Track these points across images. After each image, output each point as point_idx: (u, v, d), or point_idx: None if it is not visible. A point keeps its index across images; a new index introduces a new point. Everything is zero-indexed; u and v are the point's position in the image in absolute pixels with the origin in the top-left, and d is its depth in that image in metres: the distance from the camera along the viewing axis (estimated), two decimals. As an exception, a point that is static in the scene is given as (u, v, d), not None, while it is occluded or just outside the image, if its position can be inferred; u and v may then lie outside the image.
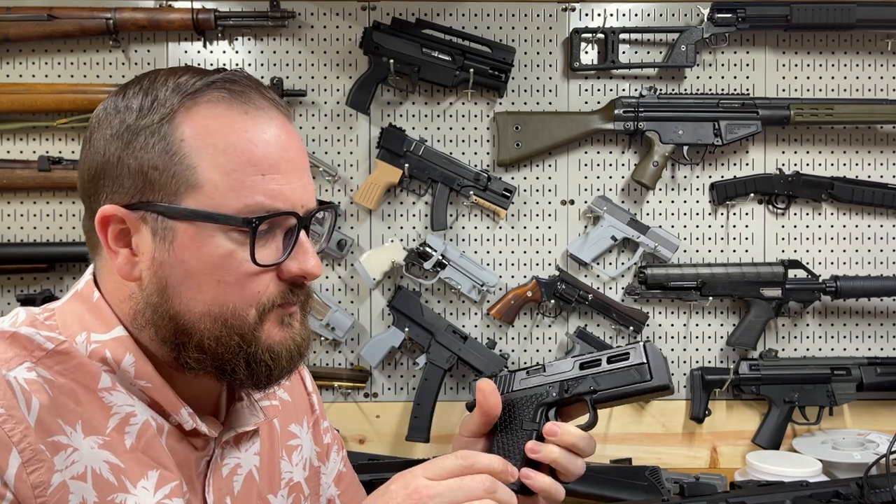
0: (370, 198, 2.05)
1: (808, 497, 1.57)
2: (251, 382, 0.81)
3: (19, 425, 0.72)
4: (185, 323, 0.78)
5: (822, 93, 2.15)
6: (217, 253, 0.76)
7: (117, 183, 0.77)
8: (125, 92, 0.80)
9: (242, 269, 0.77)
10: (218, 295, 0.77)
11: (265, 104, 0.79)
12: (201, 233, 0.76)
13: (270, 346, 0.80)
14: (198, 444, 0.84)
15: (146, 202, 0.76)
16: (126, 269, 0.78)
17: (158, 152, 0.76)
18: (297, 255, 0.80)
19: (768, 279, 2.09)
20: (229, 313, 0.78)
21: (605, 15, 2.11)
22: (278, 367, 0.81)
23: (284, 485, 0.95)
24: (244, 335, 0.79)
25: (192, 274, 0.77)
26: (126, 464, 0.78)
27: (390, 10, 2.07)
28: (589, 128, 2.08)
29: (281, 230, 0.79)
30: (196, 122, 0.76)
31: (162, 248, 0.77)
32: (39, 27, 1.96)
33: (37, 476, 0.72)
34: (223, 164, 0.76)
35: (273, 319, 0.80)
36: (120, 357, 0.79)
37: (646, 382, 0.84)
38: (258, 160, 0.77)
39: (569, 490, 1.85)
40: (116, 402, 0.78)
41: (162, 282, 0.77)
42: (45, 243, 2.05)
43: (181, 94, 0.77)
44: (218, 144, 0.76)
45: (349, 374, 2.10)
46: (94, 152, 0.79)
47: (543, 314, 2.13)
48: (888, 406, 2.16)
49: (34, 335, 0.77)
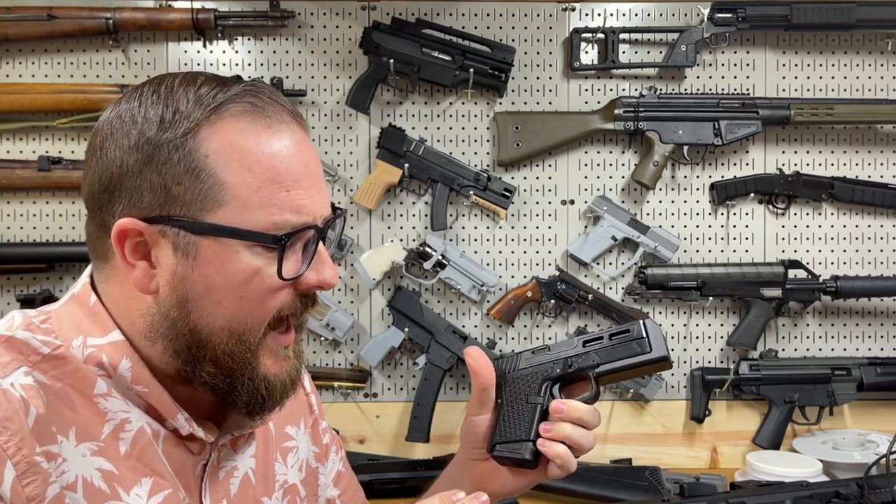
0: (370, 198, 2.05)
1: (808, 497, 1.57)
2: (247, 408, 0.82)
3: (14, 437, 0.71)
4: (203, 337, 0.78)
5: (822, 93, 2.15)
6: (241, 269, 0.76)
7: (136, 196, 0.76)
8: (140, 100, 0.78)
9: (266, 284, 0.77)
10: (239, 310, 0.77)
11: (286, 117, 0.79)
12: (226, 248, 0.76)
13: (266, 376, 0.81)
14: (194, 448, 0.84)
15: (167, 216, 0.76)
16: (143, 282, 0.78)
17: (183, 168, 0.75)
18: (315, 266, 0.80)
19: (768, 279, 2.08)
20: (246, 328, 0.78)
21: (605, 15, 2.11)
22: (272, 398, 0.82)
23: (279, 487, 0.95)
24: (252, 351, 0.79)
25: (215, 289, 0.77)
26: (120, 471, 0.78)
27: (390, 9, 2.07)
28: (589, 128, 2.08)
29: (301, 241, 0.80)
30: (221, 138, 0.76)
31: (184, 263, 0.76)
32: (39, 27, 1.96)
33: (32, 489, 0.72)
34: (250, 182, 0.76)
35: (268, 349, 0.81)
36: (116, 361, 0.78)
37: (646, 354, 0.87)
38: (283, 176, 0.77)
39: (569, 490, 1.87)
40: (111, 409, 0.78)
41: (182, 296, 0.77)
42: (44, 243, 2.05)
43: (204, 107, 0.76)
44: (244, 161, 0.76)
45: (349, 375, 2.10)
46: (108, 162, 0.77)
47: (543, 314, 2.13)
48: (888, 406, 2.15)
49: (30, 339, 0.77)
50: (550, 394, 0.90)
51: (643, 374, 0.93)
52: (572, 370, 0.89)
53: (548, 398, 0.89)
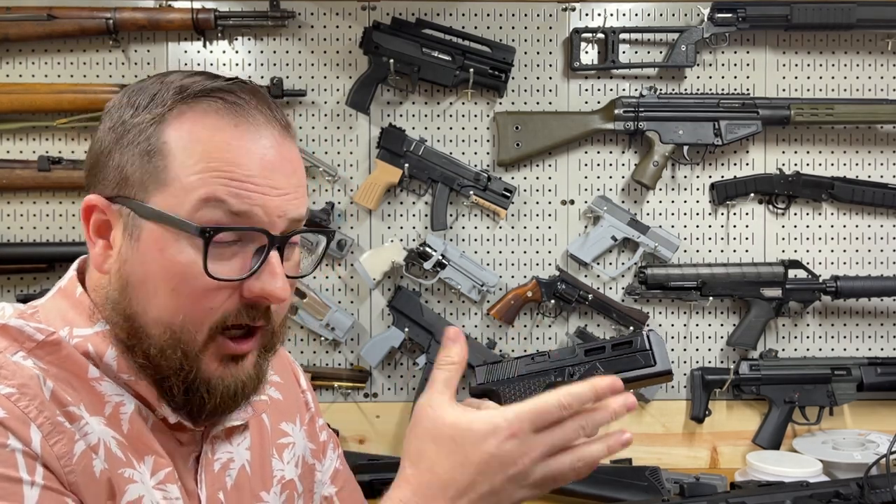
0: (370, 198, 2.05)
1: (808, 497, 1.57)
2: (185, 411, 0.80)
3: (34, 401, 0.72)
4: (138, 326, 0.77)
5: (822, 93, 2.15)
6: (177, 259, 0.75)
7: (103, 174, 0.79)
8: (141, 85, 0.81)
9: (199, 281, 0.74)
10: (170, 304, 0.75)
11: (260, 119, 0.78)
12: (166, 235, 0.75)
13: (209, 379, 0.78)
14: (183, 438, 0.84)
15: (123, 196, 0.77)
16: (99, 259, 0.79)
17: (140, 150, 0.76)
18: (262, 275, 0.76)
19: (768, 279, 2.08)
20: (178, 326, 0.76)
21: (605, 15, 2.11)
22: (212, 401, 0.79)
23: (276, 482, 0.95)
24: (188, 354, 0.77)
25: (150, 277, 0.76)
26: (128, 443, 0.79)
27: (390, 9, 2.07)
28: (589, 128, 2.08)
29: (253, 245, 0.77)
30: (182, 127, 0.76)
31: (128, 246, 0.77)
32: (39, 27, 1.96)
33: (60, 447, 0.72)
34: (191, 166, 0.75)
35: (215, 351, 0.78)
36: (102, 351, 0.79)
37: (650, 368, 0.86)
38: (230, 166, 0.75)
39: (569, 490, 1.87)
40: (107, 392, 0.79)
41: (123, 279, 0.77)
42: (44, 243, 2.05)
43: (179, 96, 0.77)
44: (195, 148, 0.75)
45: (349, 375, 2.10)
46: (95, 142, 0.81)
47: (543, 314, 2.13)
48: (888, 406, 2.15)
49: (24, 326, 0.77)
50: None
51: (644, 386, 0.92)
52: (574, 380, 0.87)
53: None
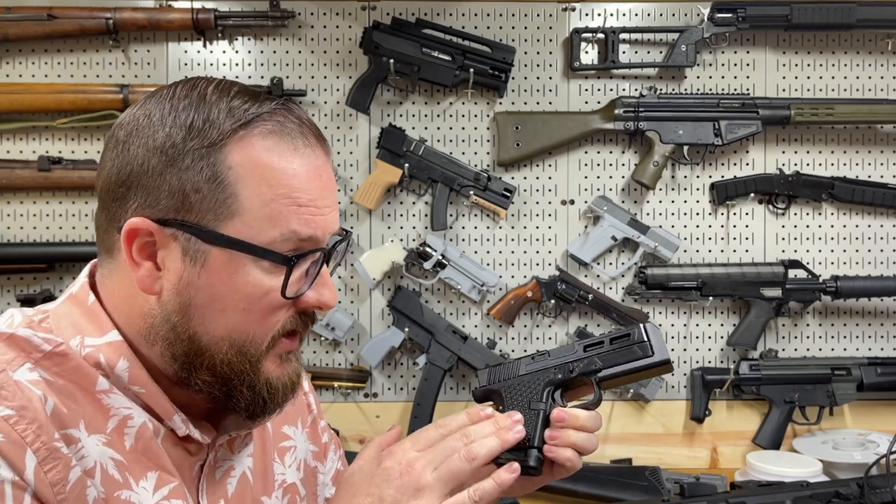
0: (370, 198, 2.05)
1: (808, 497, 1.57)
2: (247, 412, 0.83)
3: (32, 425, 0.72)
4: (202, 344, 0.79)
5: (822, 93, 2.15)
6: (248, 282, 0.77)
7: (153, 196, 0.77)
8: (172, 102, 0.79)
9: (269, 299, 0.78)
10: (241, 322, 0.78)
11: (312, 140, 0.82)
12: (234, 260, 0.77)
13: (269, 379, 0.82)
14: (192, 448, 0.84)
15: (181, 221, 0.76)
16: (147, 282, 0.78)
17: (205, 177, 0.76)
18: (316, 286, 0.82)
19: (768, 279, 2.08)
20: (248, 341, 0.79)
21: (605, 15, 2.11)
22: (273, 401, 0.83)
23: (278, 486, 0.95)
24: (253, 363, 0.80)
25: (219, 298, 0.78)
26: (128, 462, 0.78)
27: (390, 9, 2.07)
28: (589, 128, 2.08)
29: (308, 261, 0.81)
30: (245, 152, 0.77)
31: (192, 270, 0.77)
32: (39, 27, 1.96)
33: (54, 474, 0.72)
34: (264, 194, 0.77)
35: (274, 353, 0.82)
36: (114, 362, 0.79)
37: (648, 358, 0.87)
38: (297, 193, 0.78)
39: (569, 490, 1.87)
40: (114, 405, 0.78)
41: (186, 301, 0.78)
42: (44, 243, 2.05)
43: (234, 120, 0.77)
44: (263, 175, 0.77)
45: (349, 375, 2.10)
46: (130, 157, 0.78)
47: (543, 314, 2.13)
48: (888, 406, 2.15)
49: (32, 336, 0.77)
50: (553, 399, 0.89)
51: (644, 378, 0.93)
52: (574, 375, 0.89)
53: (550, 404, 0.89)
